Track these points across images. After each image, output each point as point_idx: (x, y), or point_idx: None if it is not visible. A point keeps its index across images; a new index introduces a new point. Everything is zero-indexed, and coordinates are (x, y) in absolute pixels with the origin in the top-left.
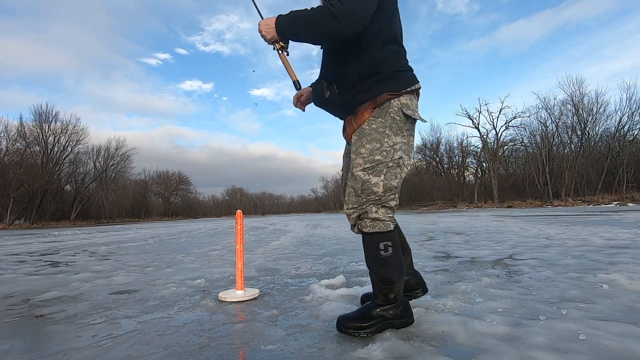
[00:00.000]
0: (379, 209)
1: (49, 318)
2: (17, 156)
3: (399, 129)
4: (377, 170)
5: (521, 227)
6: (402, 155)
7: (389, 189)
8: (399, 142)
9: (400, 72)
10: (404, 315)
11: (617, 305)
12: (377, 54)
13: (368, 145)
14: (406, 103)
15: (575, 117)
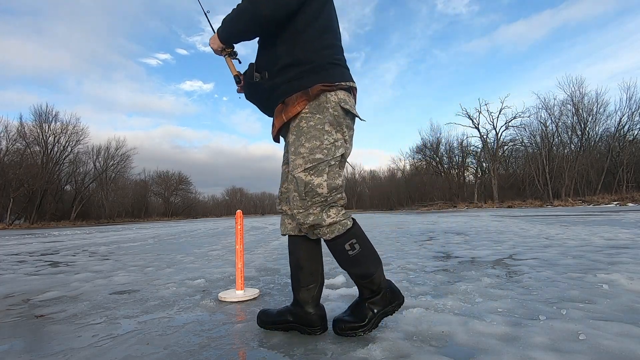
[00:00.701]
0: (329, 211)
1: (49, 318)
2: (17, 156)
3: (339, 124)
4: (318, 169)
5: (521, 227)
6: (345, 153)
7: (334, 188)
8: (340, 139)
9: (335, 65)
10: (393, 299)
11: (617, 305)
12: (312, 43)
13: (307, 144)
14: (344, 98)
15: (575, 117)
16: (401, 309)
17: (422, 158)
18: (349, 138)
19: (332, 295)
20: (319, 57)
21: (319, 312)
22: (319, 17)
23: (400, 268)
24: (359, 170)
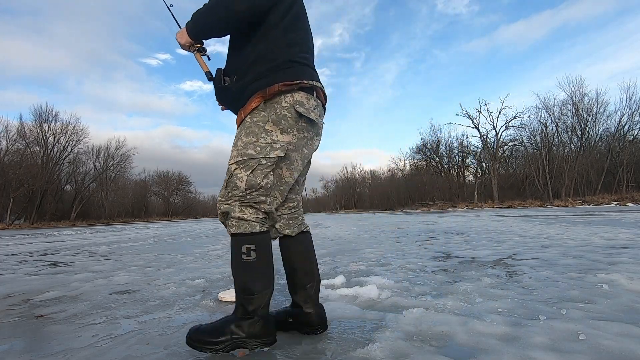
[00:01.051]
0: (244, 208)
1: (49, 318)
2: (17, 156)
3: (289, 126)
4: (247, 165)
5: (521, 227)
6: (286, 155)
7: (253, 186)
8: (283, 141)
9: (298, 63)
10: (262, 334)
11: (617, 305)
12: (277, 41)
13: (245, 138)
14: (300, 100)
15: (575, 117)
16: (401, 308)
17: (422, 158)
18: (303, 141)
19: (332, 295)
20: (281, 55)
21: (318, 311)
22: (286, 16)
23: (400, 268)
24: (359, 170)
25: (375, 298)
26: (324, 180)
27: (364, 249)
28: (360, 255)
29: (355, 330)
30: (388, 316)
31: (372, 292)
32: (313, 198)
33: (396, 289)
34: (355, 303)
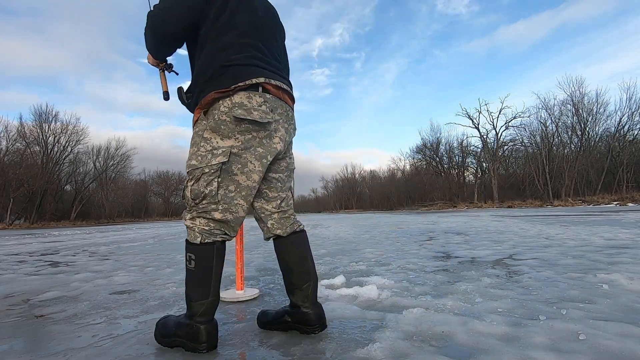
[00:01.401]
0: (195, 218)
1: (49, 318)
2: (17, 156)
3: (229, 130)
4: (193, 175)
5: (521, 227)
6: (232, 160)
7: (198, 195)
8: (225, 146)
9: (230, 66)
10: (194, 340)
11: (617, 305)
12: (210, 49)
13: (190, 149)
14: (240, 102)
15: (575, 117)
16: (401, 308)
17: (422, 158)
18: (254, 141)
19: (332, 295)
20: (214, 64)
21: (317, 311)
22: (219, 18)
23: (400, 268)
24: (359, 170)
25: (375, 298)
26: (324, 180)
27: (364, 249)
28: (360, 255)
29: (355, 330)
30: (388, 316)
31: (372, 292)
32: (313, 198)
33: (396, 289)
34: (355, 303)
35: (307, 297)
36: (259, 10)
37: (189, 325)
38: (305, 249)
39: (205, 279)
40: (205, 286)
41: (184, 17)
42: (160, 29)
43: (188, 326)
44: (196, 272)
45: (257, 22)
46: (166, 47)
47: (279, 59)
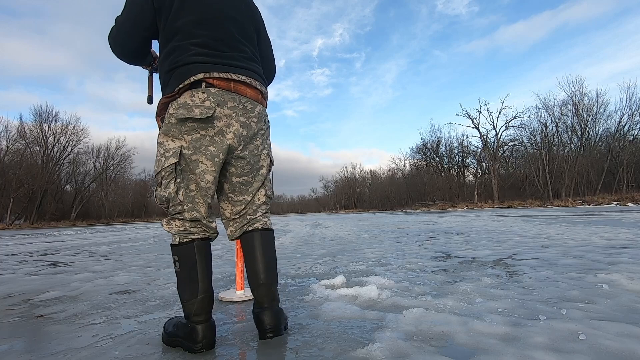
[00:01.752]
0: (171, 221)
1: (49, 318)
2: (17, 156)
3: (178, 131)
4: (156, 181)
5: (521, 227)
6: (182, 160)
7: (162, 200)
8: (174, 147)
9: (175, 69)
10: (191, 340)
11: (617, 305)
12: (161, 57)
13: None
14: (184, 102)
15: (575, 117)
16: (401, 308)
17: (422, 158)
18: (204, 140)
19: (332, 295)
20: (163, 70)
21: (268, 314)
22: (165, 23)
23: (400, 268)
24: (359, 170)
25: (375, 298)
26: (324, 180)
27: (364, 249)
28: (360, 255)
29: (355, 330)
30: (388, 316)
31: (372, 292)
32: (313, 198)
33: (396, 289)
34: (355, 303)
35: (258, 300)
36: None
37: (186, 325)
38: (256, 250)
39: (191, 278)
40: (193, 285)
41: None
42: (118, 50)
43: (185, 326)
44: (182, 273)
45: (206, 16)
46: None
47: (239, 48)
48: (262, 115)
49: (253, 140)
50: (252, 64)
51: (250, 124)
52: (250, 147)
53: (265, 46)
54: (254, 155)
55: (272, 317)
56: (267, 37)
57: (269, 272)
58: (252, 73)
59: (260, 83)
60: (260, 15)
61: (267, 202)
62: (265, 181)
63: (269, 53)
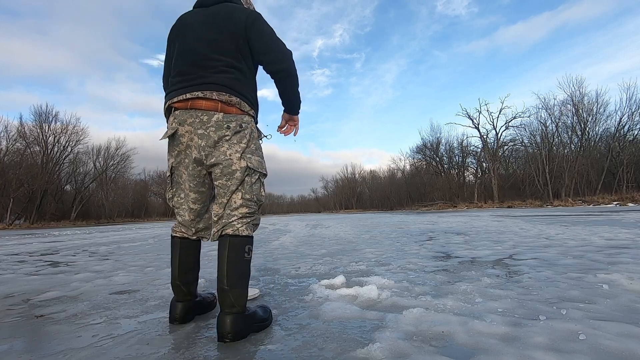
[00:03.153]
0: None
1: (49, 318)
2: (17, 156)
3: (170, 149)
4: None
5: (521, 227)
6: (174, 173)
7: (167, 201)
8: (169, 162)
9: (166, 102)
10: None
11: (617, 305)
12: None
13: None
14: (167, 127)
15: (575, 117)
16: (401, 308)
17: (422, 158)
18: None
19: (332, 296)
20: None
21: (226, 320)
22: (169, 65)
23: (400, 268)
24: (359, 170)
25: (375, 298)
26: (324, 180)
27: (364, 249)
28: (360, 255)
29: (355, 330)
30: (388, 316)
31: (372, 292)
32: (313, 198)
33: (396, 289)
34: (355, 303)
35: (220, 303)
36: (188, 27)
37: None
38: (222, 255)
39: (171, 264)
40: (172, 270)
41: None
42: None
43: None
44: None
45: (183, 47)
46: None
47: (210, 65)
48: (222, 122)
49: (218, 147)
50: (220, 75)
51: (208, 134)
52: (217, 154)
53: (261, 43)
54: (224, 160)
55: (226, 322)
56: (261, 34)
57: (229, 279)
58: (213, 86)
59: (222, 92)
60: (248, 20)
61: (246, 205)
62: (242, 185)
63: (267, 46)
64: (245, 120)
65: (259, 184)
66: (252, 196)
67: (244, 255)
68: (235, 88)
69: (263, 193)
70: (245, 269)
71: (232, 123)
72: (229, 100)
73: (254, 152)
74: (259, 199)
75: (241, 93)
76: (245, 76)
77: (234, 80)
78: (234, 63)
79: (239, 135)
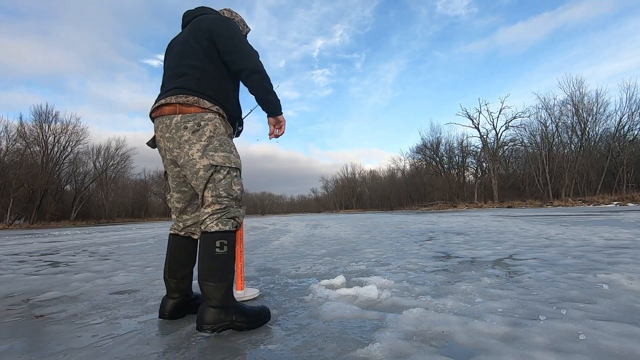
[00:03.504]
0: None
1: (49, 318)
2: (17, 156)
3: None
4: None
5: (521, 227)
6: (165, 176)
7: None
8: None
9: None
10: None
11: (617, 305)
12: None
13: None
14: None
15: (575, 117)
16: (401, 308)
17: (422, 158)
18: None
19: (332, 296)
20: None
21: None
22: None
23: (400, 268)
24: (359, 171)
25: (375, 298)
26: (324, 180)
27: (364, 249)
28: (360, 255)
29: (355, 330)
30: (388, 316)
31: (372, 292)
32: (313, 198)
33: (396, 289)
34: (355, 303)
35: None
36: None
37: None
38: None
39: (166, 260)
40: (164, 265)
41: None
42: None
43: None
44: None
45: (165, 64)
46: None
47: (178, 71)
48: (181, 123)
49: (182, 148)
50: (181, 79)
51: (172, 137)
52: (182, 155)
53: (223, 43)
54: (189, 161)
55: (201, 314)
56: (222, 35)
57: (201, 274)
58: (174, 90)
59: (180, 95)
60: (213, 23)
61: (217, 202)
62: (210, 183)
63: (229, 46)
64: (205, 118)
65: (229, 179)
66: (221, 192)
67: (215, 250)
68: (193, 87)
69: (235, 187)
70: (217, 263)
71: (190, 123)
72: (185, 101)
73: (217, 149)
74: (231, 193)
75: (200, 91)
76: (209, 74)
77: (192, 80)
78: (197, 63)
79: (197, 134)
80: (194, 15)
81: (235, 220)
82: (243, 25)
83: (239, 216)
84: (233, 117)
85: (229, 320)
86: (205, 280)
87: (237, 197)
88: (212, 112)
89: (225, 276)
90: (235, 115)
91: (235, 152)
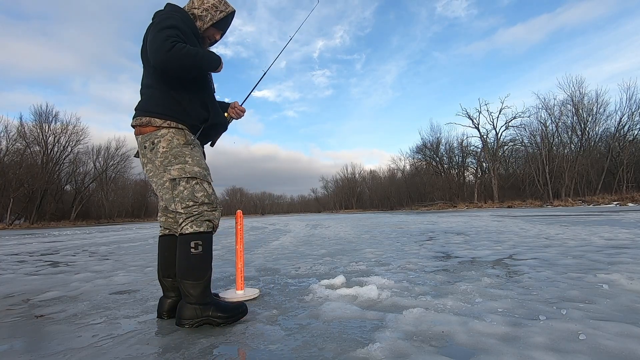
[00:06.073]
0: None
1: (49, 318)
2: (17, 156)
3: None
4: None
5: (521, 227)
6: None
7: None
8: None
9: None
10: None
11: (617, 305)
12: None
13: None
14: None
15: (575, 117)
16: (401, 308)
17: (422, 158)
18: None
19: (332, 295)
20: None
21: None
22: None
23: (400, 268)
24: (359, 170)
25: (375, 298)
26: (324, 180)
27: (364, 249)
28: (360, 255)
29: (355, 330)
30: (388, 316)
31: (372, 292)
32: (313, 198)
33: (396, 289)
34: (355, 303)
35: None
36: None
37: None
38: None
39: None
40: (157, 266)
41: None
42: None
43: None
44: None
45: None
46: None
47: (143, 89)
48: (142, 142)
49: (147, 165)
50: (140, 101)
51: (145, 154)
52: (152, 168)
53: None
54: (156, 175)
55: (181, 309)
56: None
57: (178, 272)
58: (136, 112)
59: (138, 117)
60: (148, 34)
61: (188, 211)
62: (175, 194)
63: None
64: (159, 135)
65: (189, 188)
66: (188, 202)
67: (190, 251)
68: (145, 108)
69: (197, 193)
70: (193, 263)
71: (147, 142)
72: (141, 122)
73: (172, 162)
74: (196, 200)
75: (151, 110)
76: (158, 90)
77: (145, 101)
78: (149, 81)
79: (154, 152)
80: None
81: (211, 222)
82: (214, 11)
83: (214, 219)
84: (199, 120)
85: (206, 316)
86: (182, 278)
87: (204, 202)
88: (164, 127)
89: (201, 275)
90: (202, 118)
91: (191, 161)
